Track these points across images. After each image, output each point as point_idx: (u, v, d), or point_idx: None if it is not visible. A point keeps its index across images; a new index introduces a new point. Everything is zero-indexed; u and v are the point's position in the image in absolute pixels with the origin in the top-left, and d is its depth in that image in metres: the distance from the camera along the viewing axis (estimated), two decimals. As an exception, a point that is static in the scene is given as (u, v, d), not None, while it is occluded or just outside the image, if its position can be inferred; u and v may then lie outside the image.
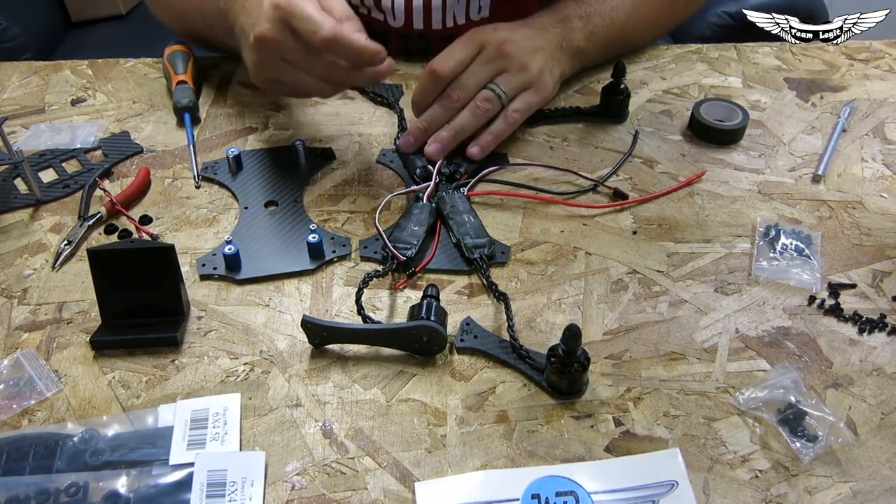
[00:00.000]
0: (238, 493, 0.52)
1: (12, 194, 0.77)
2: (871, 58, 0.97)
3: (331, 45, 0.66)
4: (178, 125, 0.87)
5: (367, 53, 0.67)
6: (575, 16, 0.86)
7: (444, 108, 0.77)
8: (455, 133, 0.77)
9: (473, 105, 0.77)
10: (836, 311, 0.65)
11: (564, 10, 0.86)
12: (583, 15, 0.86)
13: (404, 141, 0.78)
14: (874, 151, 0.82)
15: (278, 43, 0.68)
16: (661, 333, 0.64)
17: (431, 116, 0.77)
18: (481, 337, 0.63)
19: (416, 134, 0.78)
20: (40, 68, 0.96)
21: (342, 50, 0.67)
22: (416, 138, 0.78)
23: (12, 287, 0.68)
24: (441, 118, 0.77)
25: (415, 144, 0.78)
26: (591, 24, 0.86)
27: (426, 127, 0.77)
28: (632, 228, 0.73)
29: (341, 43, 0.66)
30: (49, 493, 0.52)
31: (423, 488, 0.53)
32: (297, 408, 0.58)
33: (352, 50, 0.67)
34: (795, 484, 0.53)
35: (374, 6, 0.94)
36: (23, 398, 0.59)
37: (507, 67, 0.78)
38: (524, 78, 0.79)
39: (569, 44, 0.85)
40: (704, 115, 0.84)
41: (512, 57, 0.78)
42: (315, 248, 0.69)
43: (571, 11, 0.86)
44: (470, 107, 0.77)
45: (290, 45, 0.68)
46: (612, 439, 0.56)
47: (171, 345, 0.63)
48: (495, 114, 0.78)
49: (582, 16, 0.86)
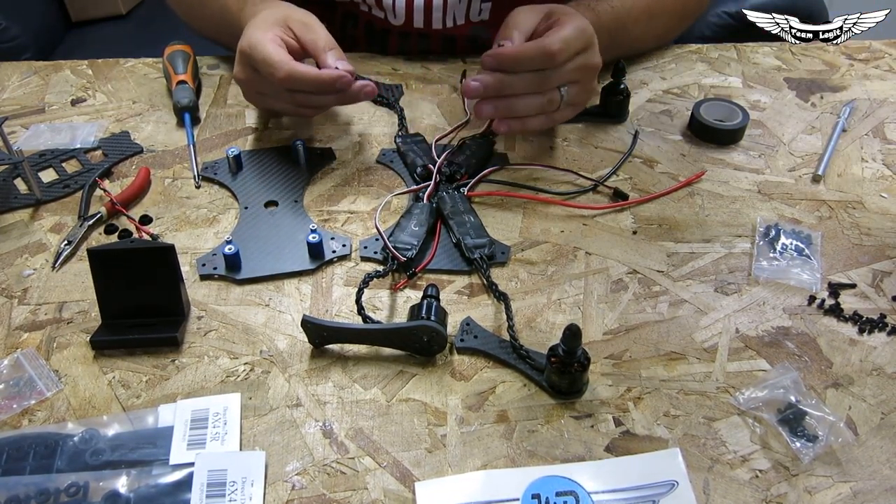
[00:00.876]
0: (238, 493, 0.52)
1: (12, 194, 0.77)
2: (871, 58, 0.97)
3: (289, 83, 0.74)
4: (178, 125, 0.87)
5: (326, 83, 0.75)
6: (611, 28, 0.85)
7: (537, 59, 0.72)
8: (524, 123, 0.76)
9: (545, 100, 0.75)
10: (836, 311, 0.65)
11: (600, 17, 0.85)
12: (614, 29, 0.85)
13: (471, 86, 0.74)
14: (874, 151, 0.82)
15: (250, 81, 0.79)
16: (661, 333, 0.64)
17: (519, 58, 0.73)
18: (481, 337, 0.63)
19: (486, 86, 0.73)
20: (40, 68, 0.96)
21: (302, 85, 0.75)
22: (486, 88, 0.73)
23: (12, 287, 0.68)
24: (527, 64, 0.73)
25: (482, 94, 0.74)
26: (618, 38, 0.86)
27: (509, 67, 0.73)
28: (632, 228, 0.73)
29: (299, 80, 0.74)
30: (49, 493, 0.52)
31: (423, 488, 0.53)
32: (297, 408, 0.58)
33: (310, 84, 0.75)
34: (795, 484, 0.53)
35: (376, 4, 0.94)
36: (23, 398, 0.59)
37: (584, 81, 0.77)
38: (584, 99, 0.79)
39: None
40: (704, 115, 0.84)
41: (591, 77, 0.77)
42: (315, 248, 0.69)
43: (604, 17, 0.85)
44: (541, 101, 0.75)
45: (260, 82, 0.78)
46: (612, 439, 0.56)
47: (171, 345, 0.63)
48: None
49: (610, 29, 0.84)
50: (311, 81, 0.75)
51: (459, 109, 0.88)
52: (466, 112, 0.87)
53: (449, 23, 0.95)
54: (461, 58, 0.96)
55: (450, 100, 0.90)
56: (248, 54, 0.76)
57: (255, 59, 0.75)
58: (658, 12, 0.91)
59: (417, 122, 0.87)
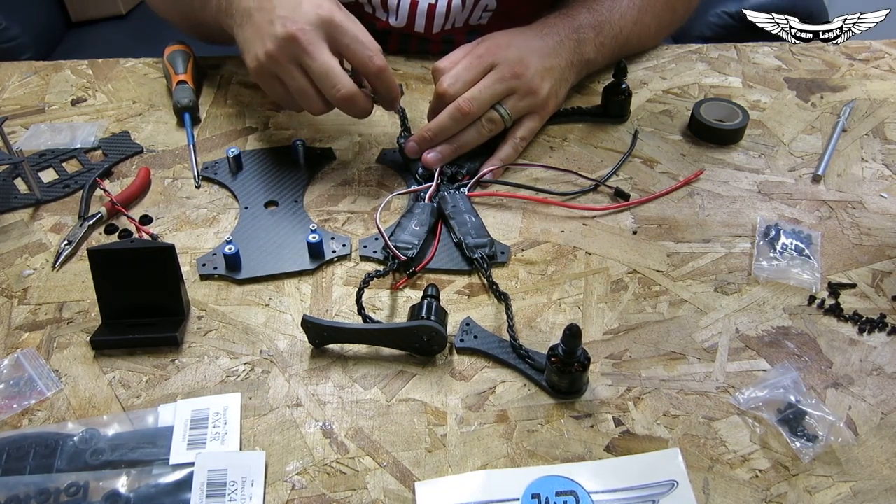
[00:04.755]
0: (238, 492, 0.52)
1: (12, 194, 0.77)
2: (871, 58, 0.97)
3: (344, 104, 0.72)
4: (178, 125, 0.87)
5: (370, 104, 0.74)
6: (588, 25, 0.85)
7: (454, 119, 0.76)
8: (457, 147, 0.78)
9: (479, 124, 0.77)
10: (836, 310, 0.65)
11: (577, 17, 0.85)
12: (595, 24, 0.86)
13: (409, 147, 0.78)
14: (874, 151, 0.82)
15: (279, 66, 0.72)
16: (661, 333, 0.64)
17: (440, 127, 0.77)
18: (481, 337, 0.63)
19: (420, 142, 0.78)
20: (40, 68, 0.96)
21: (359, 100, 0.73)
22: (421, 146, 0.78)
23: (12, 287, 0.68)
24: (449, 130, 0.77)
25: (418, 151, 0.78)
26: (601, 35, 0.86)
27: (433, 137, 0.77)
28: (632, 228, 0.73)
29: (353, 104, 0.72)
30: (49, 493, 0.52)
31: (423, 488, 0.53)
32: (297, 407, 0.58)
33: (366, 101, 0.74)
34: (795, 483, 0.53)
35: (381, 5, 0.95)
36: (23, 398, 0.59)
37: (517, 89, 0.78)
38: (531, 102, 0.79)
39: (580, 58, 0.84)
40: (704, 115, 0.84)
41: (523, 80, 0.78)
42: (315, 248, 0.69)
43: (584, 20, 0.85)
44: (476, 126, 0.77)
45: (292, 73, 0.72)
46: (612, 439, 0.56)
47: (171, 344, 0.63)
48: (496, 133, 0.79)
49: (594, 25, 0.85)
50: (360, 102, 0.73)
51: (459, 109, 0.88)
52: None
53: (448, 27, 0.95)
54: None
55: (450, 100, 0.90)
56: (328, 22, 0.70)
57: (342, 33, 0.71)
58: (646, 9, 0.91)
59: (418, 122, 0.86)
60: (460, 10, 0.94)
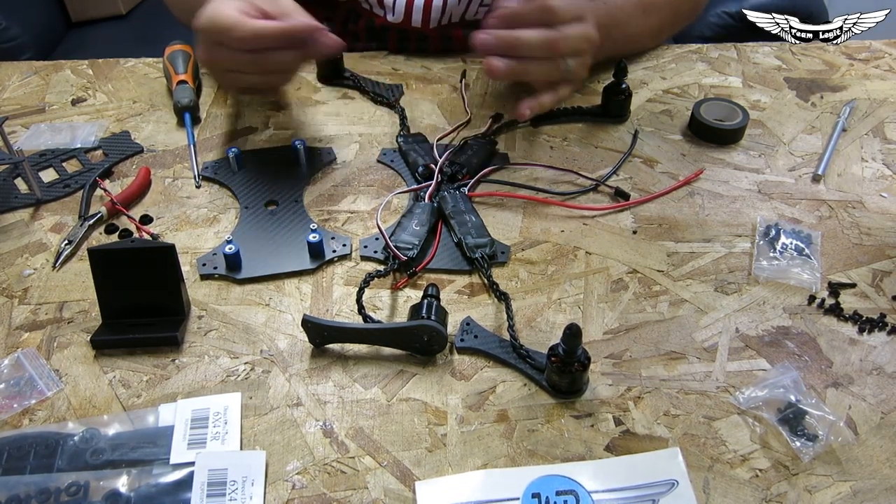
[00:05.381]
0: (238, 492, 0.52)
1: (13, 194, 0.77)
2: (871, 58, 0.97)
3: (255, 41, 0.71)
4: (178, 125, 0.87)
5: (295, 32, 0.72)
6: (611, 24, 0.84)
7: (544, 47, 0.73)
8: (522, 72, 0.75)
9: (552, 67, 0.75)
10: (836, 310, 0.65)
11: None
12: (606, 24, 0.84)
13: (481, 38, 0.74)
14: (874, 151, 0.82)
15: (215, 58, 0.75)
16: (661, 333, 0.64)
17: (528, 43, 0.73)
18: (481, 337, 0.63)
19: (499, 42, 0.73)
20: (40, 68, 0.97)
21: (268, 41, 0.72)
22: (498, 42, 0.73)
23: (13, 287, 0.68)
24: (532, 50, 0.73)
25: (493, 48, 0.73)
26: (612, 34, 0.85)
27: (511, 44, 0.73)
28: (632, 228, 0.73)
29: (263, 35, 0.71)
30: (50, 493, 0.52)
31: (423, 487, 0.53)
32: (297, 407, 0.58)
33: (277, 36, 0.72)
34: (795, 483, 0.53)
35: (377, 3, 0.95)
36: (23, 398, 0.59)
37: (584, 55, 0.77)
38: (582, 74, 0.78)
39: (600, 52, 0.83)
40: (704, 115, 0.84)
41: (590, 50, 0.77)
42: (315, 248, 0.69)
43: None
44: (549, 67, 0.75)
45: (225, 56, 0.74)
46: (612, 438, 0.56)
47: (171, 344, 0.63)
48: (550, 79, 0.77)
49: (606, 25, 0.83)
50: (278, 33, 0.71)
51: (460, 109, 0.89)
52: (467, 112, 0.87)
53: (445, 21, 0.96)
54: (461, 57, 0.97)
55: (450, 99, 0.90)
56: (206, 27, 0.72)
57: (214, 29, 0.72)
58: (651, 9, 0.91)
59: (417, 122, 0.87)
60: (456, 4, 0.94)
